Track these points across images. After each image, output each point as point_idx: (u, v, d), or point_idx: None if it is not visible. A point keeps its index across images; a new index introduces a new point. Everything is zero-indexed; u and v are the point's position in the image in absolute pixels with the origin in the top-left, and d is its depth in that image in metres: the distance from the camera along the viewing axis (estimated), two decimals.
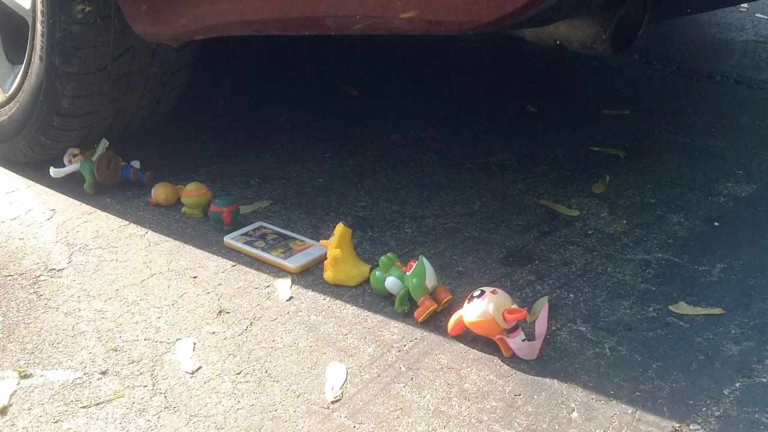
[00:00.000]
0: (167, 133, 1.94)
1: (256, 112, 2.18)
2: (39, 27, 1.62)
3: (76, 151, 1.74)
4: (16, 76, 1.77)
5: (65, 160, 1.75)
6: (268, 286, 1.47)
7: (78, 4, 1.55)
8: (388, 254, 1.42)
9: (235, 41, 1.68)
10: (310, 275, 1.50)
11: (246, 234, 1.60)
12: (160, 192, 1.70)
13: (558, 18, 1.30)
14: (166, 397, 1.21)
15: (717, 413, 1.19)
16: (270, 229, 1.62)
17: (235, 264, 1.53)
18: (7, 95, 1.78)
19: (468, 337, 1.33)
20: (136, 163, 1.78)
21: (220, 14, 1.46)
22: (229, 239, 1.58)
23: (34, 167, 1.83)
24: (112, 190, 1.75)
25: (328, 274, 1.47)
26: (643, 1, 1.34)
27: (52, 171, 1.73)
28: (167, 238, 1.61)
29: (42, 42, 1.62)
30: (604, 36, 1.31)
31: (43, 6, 1.60)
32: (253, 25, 1.46)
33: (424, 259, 1.37)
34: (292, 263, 1.50)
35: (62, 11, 1.56)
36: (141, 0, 1.52)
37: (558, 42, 1.36)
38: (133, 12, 1.54)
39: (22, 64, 1.74)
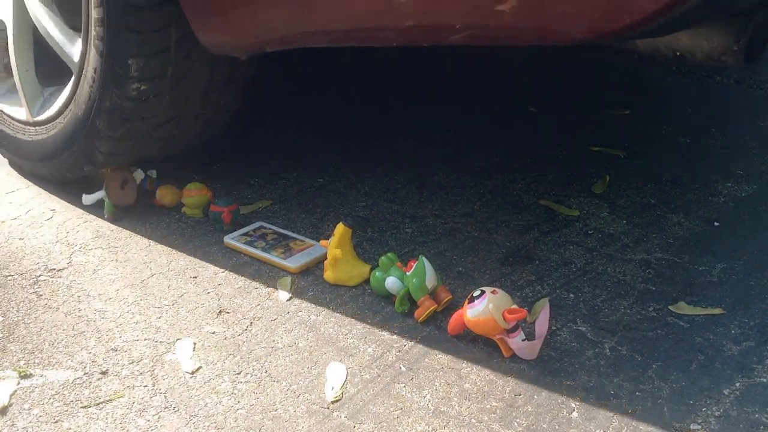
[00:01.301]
0: None
1: (255, 113, 2.18)
2: (86, 87, 1.56)
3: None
4: (45, 100, 1.73)
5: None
6: (268, 286, 1.47)
7: (134, 83, 1.50)
8: (388, 254, 1.42)
9: None
10: (310, 275, 1.50)
11: (246, 234, 1.60)
12: (165, 194, 1.69)
13: (687, 26, 1.20)
14: (166, 397, 1.21)
15: (717, 413, 1.19)
16: (270, 229, 1.62)
17: (235, 264, 1.53)
18: (35, 119, 1.72)
19: (468, 337, 1.33)
20: (152, 173, 1.75)
21: (298, 23, 1.36)
22: (229, 239, 1.58)
23: None
24: None
25: (328, 274, 1.47)
26: None
27: (85, 198, 1.68)
28: (167, 238, 1.61)
29: (87, 103, 1.57)
30: (736, 47, 1.20)
31: (95, 74, 1.54)
32: (334, 36, 1.35)
33: (424, 259, 1.37)
34: (292, 263, 1.50)
35: (116, 85, 1.52)
36: (207, 6, 1.43)
37: (678, 53, 1.25)
38: (199, 20, 1.45)
39: (52, 87, 1.71)
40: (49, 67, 1.74)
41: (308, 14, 1.34)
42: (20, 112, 1.77)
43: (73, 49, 1.60)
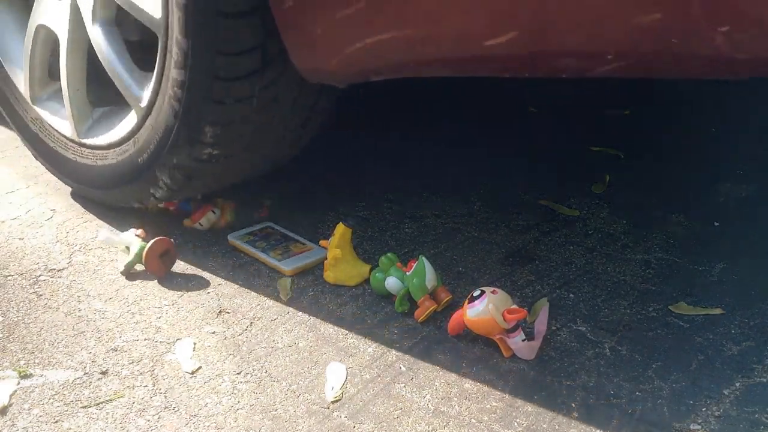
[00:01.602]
0: None
1: None
2: (154, 139, 1.48)
3: (140, 233, 1.54)
4: (94, 121, 1.64)
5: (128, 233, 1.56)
6: (268, 286, 1.47)
7: (207, 148, 1.44)
8: (388, 254, 1.42)
9: None
10: (310, 275, 1.50)
11: (251, 233, 1.60)
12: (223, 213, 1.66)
13: None
14: (166, 397, 1.21)
15: (717, 413, 1.19)
16: (276, 229, 1.62)
17: (235, 264, 1.53)
18: (81, 141, 1.64)
19: (468, 337, 1.33)
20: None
21: (416, 51, 1.18)
22: (232, 237, 1.58)
23: (35, 169, 1.82)
24: None
25: (328, 274, 1.47)
26: None
27: (101, 235, 1.55)
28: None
29: (149, 152, 1.49)
30: None
31: (164, 129, 1.45)
32: (459, 65, 1.19)
33: (424, 259, 1.37)
34: (286, 266, 1.50)
35: (188, 147, 1.44)
36: (303, 29, 1.29)
37: None
38: (296, 44, 1.32)
39: (102, 107, 1.63)
40: (101, 88, 1.63)
41: (436, 38, 1.15)
42: (64, 126, 1.67)
43: (141, 93, 1.50)
